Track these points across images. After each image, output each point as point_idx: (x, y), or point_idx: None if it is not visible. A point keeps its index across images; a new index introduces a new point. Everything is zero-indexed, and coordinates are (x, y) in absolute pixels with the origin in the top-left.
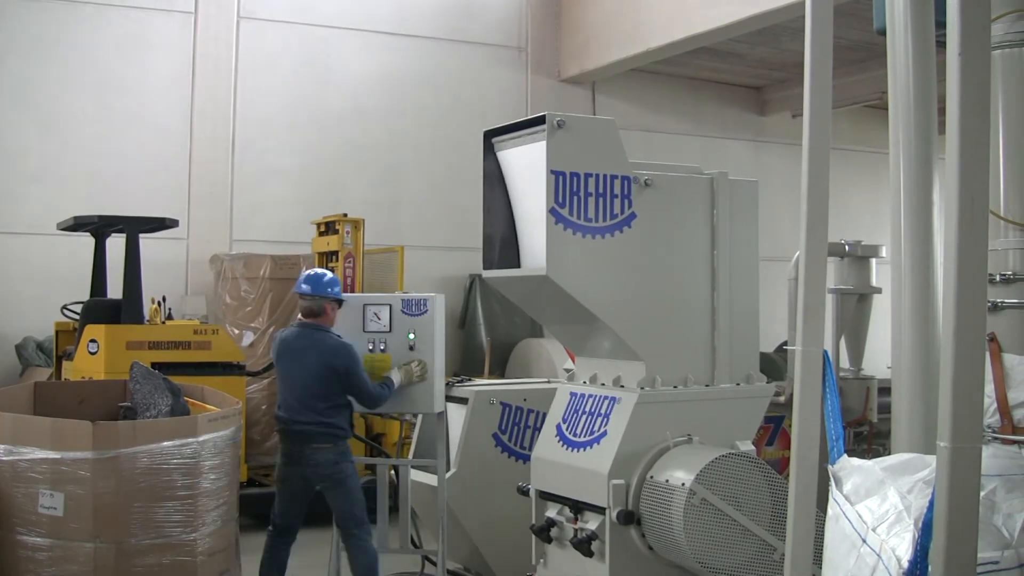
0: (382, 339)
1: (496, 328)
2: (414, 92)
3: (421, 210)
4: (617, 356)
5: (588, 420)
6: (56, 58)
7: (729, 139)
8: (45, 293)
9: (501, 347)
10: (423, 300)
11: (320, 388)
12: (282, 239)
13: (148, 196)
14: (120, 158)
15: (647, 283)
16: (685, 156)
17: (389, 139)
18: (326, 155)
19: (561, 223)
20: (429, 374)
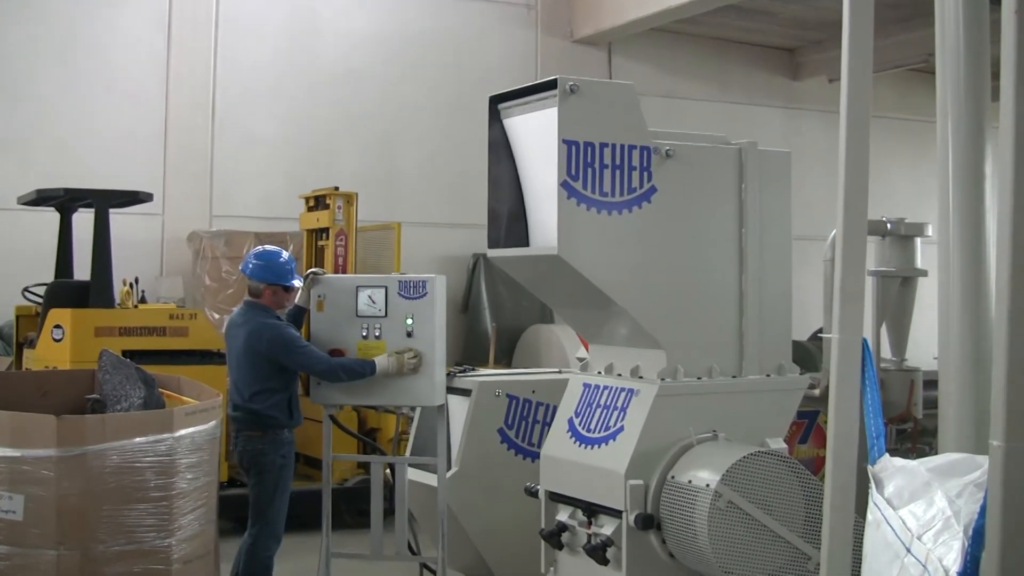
0: (376, 324)
1: (502, 313)
2: (412, 53)
3: (420, 183)
4: (635, 344)
5: (603, 414)
6: (16, 16)
7: (759, 106)
8: (5, 274)
9: (508, 334)
10: (422, 282)
11: (247, 373)
12: (267, 215)
13: (119, 167)
14: (88, 126)
15: (668, 263)
16: (710, 125)
17: (385, 105)
18: (316, 123)
19: (574, 198)
20: (427, 366)
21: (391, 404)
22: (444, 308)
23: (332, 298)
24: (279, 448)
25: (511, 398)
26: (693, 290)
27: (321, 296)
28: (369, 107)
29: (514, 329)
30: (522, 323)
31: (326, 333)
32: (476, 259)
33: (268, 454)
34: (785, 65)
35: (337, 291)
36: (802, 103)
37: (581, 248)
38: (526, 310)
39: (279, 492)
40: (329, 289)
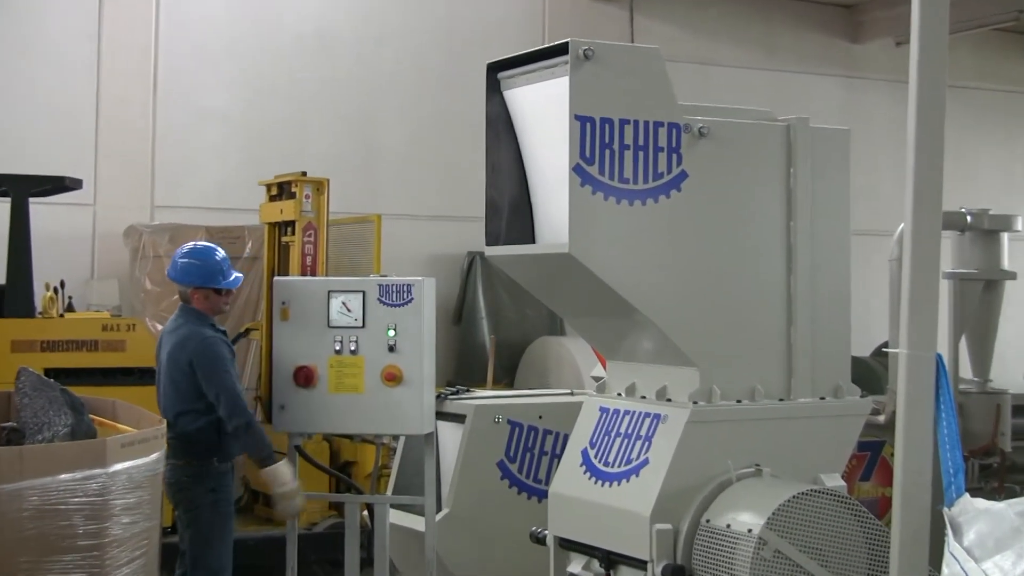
0: (352, 337)
1: (503, 323)
2: (395, 12)
3: (404, 168)
4: (662, 360)
5: (624, 444)
6: None
7: (811, 74)
8: None
9: (509, 348)
10: (407, 286)
11: (170, 389)
12: (221, 205)
13: (41, 148)
14: (4, 97)
15: (702, 263)
16: (753, 96)
17: (362, 75)
18: (279, 95)
19: (589, 185)
20: (414, 386)
21: (369, 432)
22: (433, 317)
23: (299, 305)
24: (205, 481)
25: (513, 425)
26: (732, 295)
27: (286, 303)
28: (343, 77)
29: (517, 342)
30: (527, 335)
31: (291, 347)
32: (471, 259)
33: (192, 488)
34: (843, 25)
35: (305, 297)
36: (864, 70)
37: (597, 245)
38: (531, 320)
39: (216, 536)
40: (295, 295)
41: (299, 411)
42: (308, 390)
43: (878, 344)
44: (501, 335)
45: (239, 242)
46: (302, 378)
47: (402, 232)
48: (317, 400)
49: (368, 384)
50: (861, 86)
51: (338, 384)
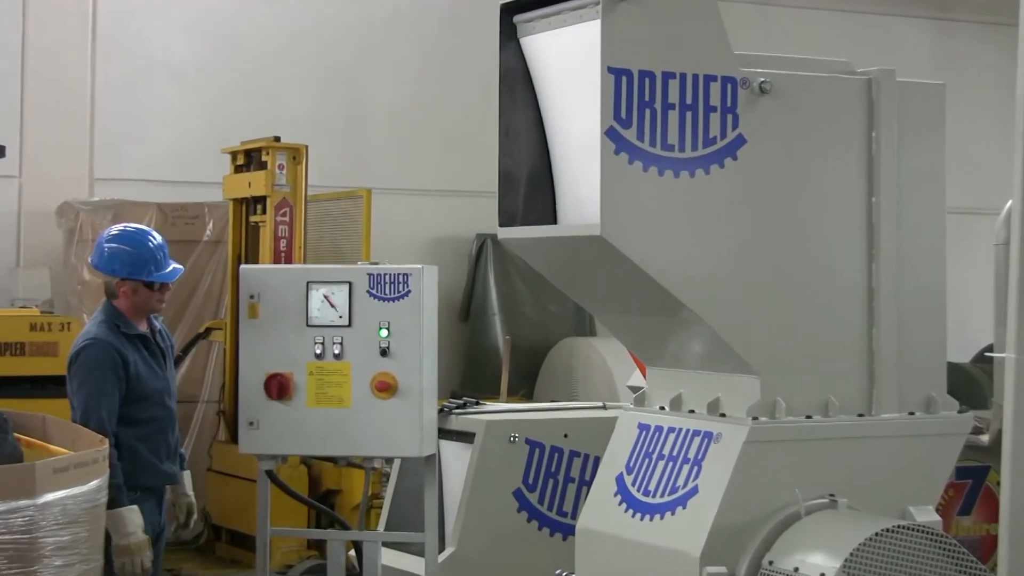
0: (336, 338)
1: (520, 321)
2: None
3: (399, 133)
4: (714, 366)
5: (668, 469)
6: None
7: (898, 16)
8: None
9: (528, 351)
10: (403, 275)
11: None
12: (175, 177)
13: None
14: None
15: (763, 249)
16: (825, 45)
17: (348, 20)
18: (246, 46)
19: (625, 152)
20: (410, 398)
21: (357, 455)
22: (435, 314)
23: (271, 299)
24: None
25: (533, 445)
26: (800, 287)
27: (254, 296)
28: (325, 21)
29: (537, 345)
30: (549, 336)
31: (262, 351)
32: (482, 243)
33: None
34: None
35: (279, 289)
36: (961, 13)
37: (635, 226)
38: (554, 317)
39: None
40: (266, 286)
41: (271, 429)
42: (282, 403)
43: (980, 348)
44: (517, 336)
45: (198, 222)
46: (275, 389)
47: (397, 210)
48: (293, 415)
49: (355, 396)
50: (958, 32)
51: (319, 396)
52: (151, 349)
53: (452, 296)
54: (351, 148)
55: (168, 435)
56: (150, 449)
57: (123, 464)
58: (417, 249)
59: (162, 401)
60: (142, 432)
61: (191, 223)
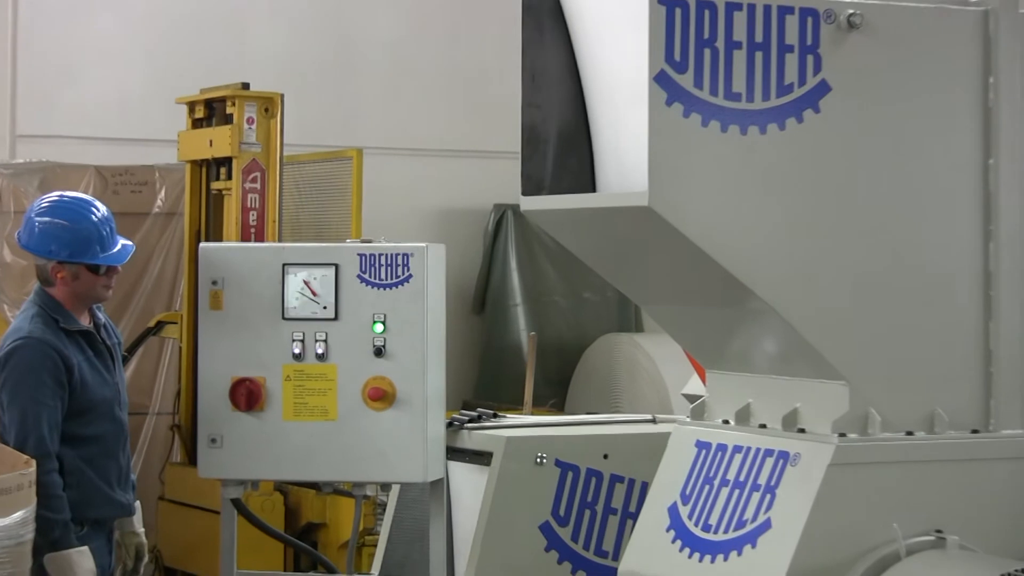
0: (319, 333)
1: (548, 313)
2: None
3: (396, 79)
4: (791, 370)
5: (734, 498)
6: None
7: None
8: None
9: (559, 350)
10: (402, 256)
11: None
12: (118, 134)
13: None
14: None
15: (853, 224)
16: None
17: None
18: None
19: (679, 102)
20: (411, 409)
21: (345, 480)
22: (442, 304)
23: (238, 286)
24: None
25: (565, 468)
26: (898, 273)
27: (218, 283)
28: None
29: (570, 342)
30: (584, 331)
31: (226, 350)
32: (500, 215)
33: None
34: None
35: (247, 273)
36: None
37: (691, 194)
38: (591, 308)
39: None
40: (232, 270)
41: (238, 447)
42: (252, 416)
43: None
44: (545, 331)
45: (146, 190)
46: (243, 397)
47: (394, 176)
48: (266, 431)
49: (343, 406)
50: None
51: (298, 406)
52: (97, 348)
53: (464, 282)
54: (337, 98)
55: (119, 455)
56: (99, 473)
57: (69, 493)
58: (420, 224)
59: (111, 413)
60: (89, 452)
61: (138, 191)
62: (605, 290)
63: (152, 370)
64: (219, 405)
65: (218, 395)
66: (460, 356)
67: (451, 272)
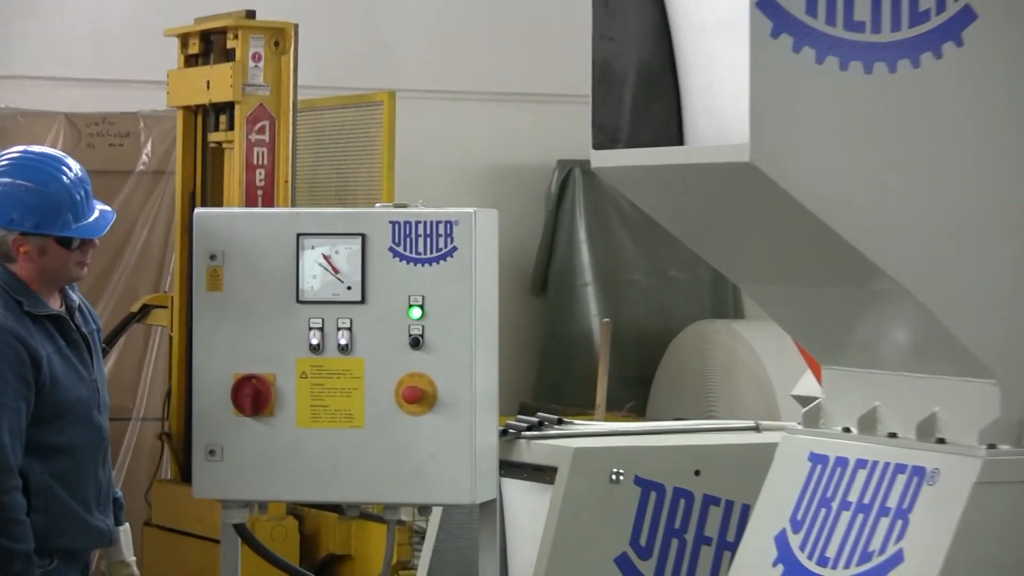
0: (342, 320)
1: (626, 294)
2: None
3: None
4: (928, 367)
5: (857, 524)
6: None
7: None
8: None
9: (639, 341)
10: (445, 224)
11: None
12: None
13: None
14: None
15: (1003, 185)
16: None
17: None
18: None
19: (788, 34)
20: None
21: (375, 501)
22: (495, 283)
23: (242, 262)
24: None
25: (647, 487)
26: None
27: (217, 257)
28: None
29: (653, 332)
30: (671, 318)
31: (227, 342)
32: (566, 174)
33: None
34: None
35: (253, 245)
36: None
37: (803, 148)
38: (679, 289)
39: None
40: (235, 242)
41: (242, 461)
42: (260, 422)
43: None
44: (622, 317)
45: (128, 143)
46: (248, 399)
47: (435, 125)
48: (276, 440)
49: (372, 410)
50: None
51: (316, 411)
52: (70, 337)
53: (521, 257)
54: (364, 30)
55: (97, 470)
56: (73, 492)
57: (34, 517)
58: (466, 185)
59: (88, 417)
60: (60, 466)
61: (118, 144)
62: (696, 267)
63: (136, 365)
64: (218, 408)
65: (217, 396)
66: (516, 348)
67: (505, 244)
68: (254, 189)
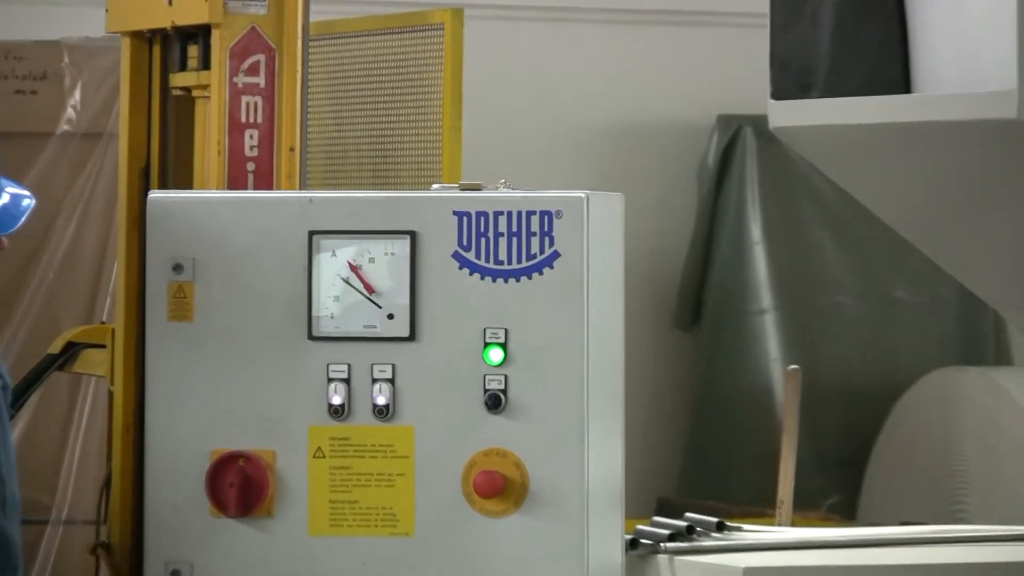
0: (383, 366)
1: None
2: None
3: None
4: None
5: None
6: None
7: None
8: None
9: (847, 398)
10: (540, 217)
11: None
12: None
13: None
14: None
15: None
16: None
17: None
18: None
19: None
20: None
21: None
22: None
23: (224, 275)
24: None
25: None
26: None
27: (181, 268)
28: None
29: (870, 383)
30: (897, 362)
31: (203, 397)
32: (731, 136)
33: None
34: None
35: (242, 251)
36: None
37: None
38: (909, 317)
39: None
40: (211, 244)
41: None
42: (251, 526)
43: None
44: (819, 361)
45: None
46: (233, 490)
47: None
48: (277, 555)
49: (428, 507)
50: None
51: (339, 508)
52: None
53: (659, 267)
54: None
55: None
56: None
57: None
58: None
59: None
60: None
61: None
62: (937, 284)
63: (57, 438)
64: (186, 505)
65: (185, 486)
66: (653, 410)
67: (634, 247)
68: (242, 161)
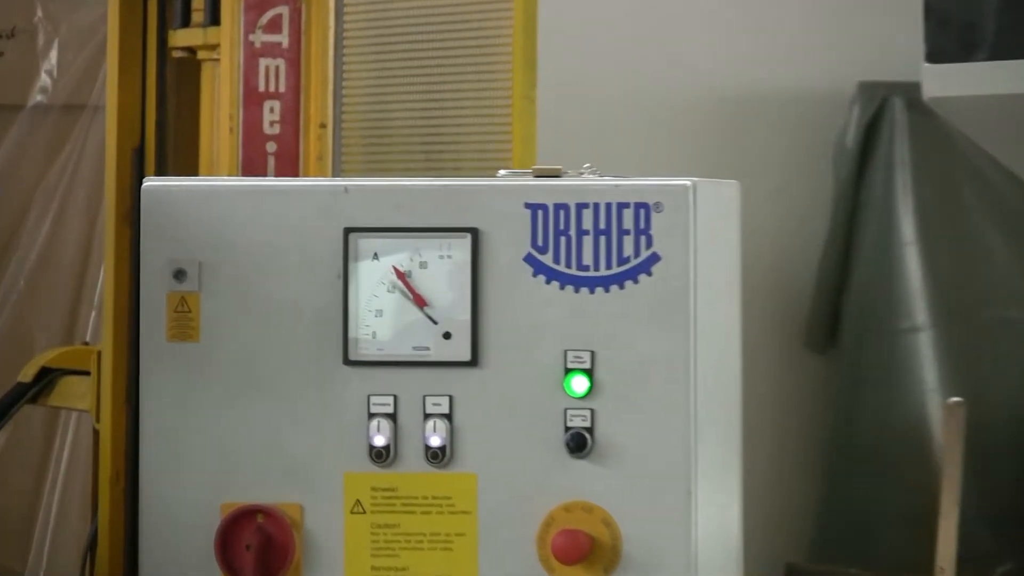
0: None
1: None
2: None
3: None
4: None
5: None
6: None
7: None
8: None
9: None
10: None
11: None
12: None
13: None
14: None
15: None
16: None
17: None
18: None
19: None
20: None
21: None
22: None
23: (237, 283)
24: None
25: None
26: None
27: (186, 275)
28: None
29: None
30: None
31: (211, 437)
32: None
33: None
34: None
35: (259, 254)
36: None
37: None
38: None
39: None
40: (220, 244)
41: None
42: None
43: None
44: (990, 392)
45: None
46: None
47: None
48: None
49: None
50: None
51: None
52: None
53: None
54: None
55: None
56: None
57: None
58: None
59: None
60: None
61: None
62: None
63: (30, 488)
64: (191, 572)
65: (189, 547)
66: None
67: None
68: (260, 140)
